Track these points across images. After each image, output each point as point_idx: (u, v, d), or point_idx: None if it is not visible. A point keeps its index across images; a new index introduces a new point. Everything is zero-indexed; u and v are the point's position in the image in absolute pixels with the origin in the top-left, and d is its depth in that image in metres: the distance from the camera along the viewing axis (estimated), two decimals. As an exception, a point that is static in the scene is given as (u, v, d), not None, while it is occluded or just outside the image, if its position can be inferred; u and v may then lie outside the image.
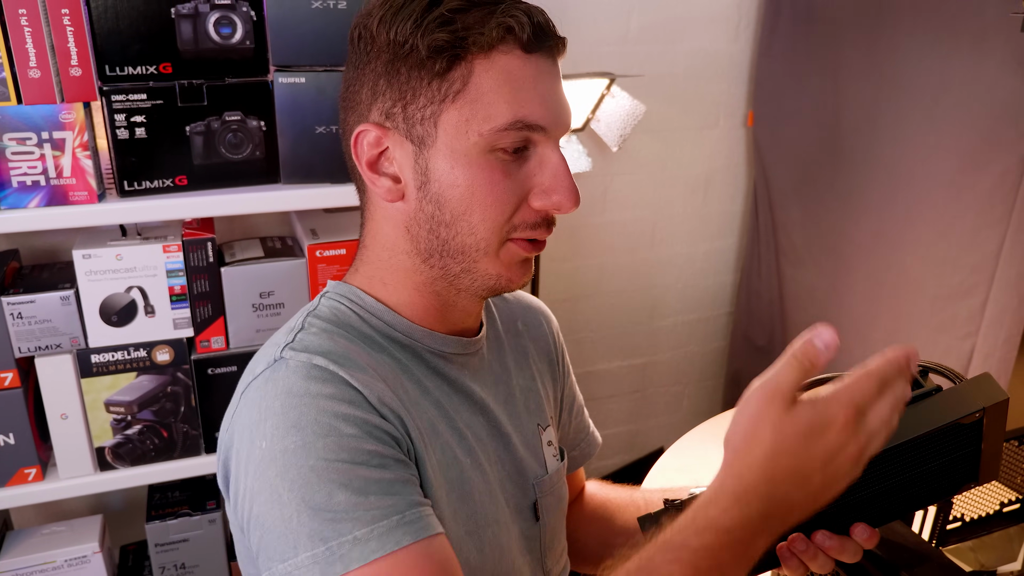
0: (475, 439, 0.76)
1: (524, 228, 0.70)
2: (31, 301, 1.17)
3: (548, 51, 0.70)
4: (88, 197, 1.13)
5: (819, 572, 0.72)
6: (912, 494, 0.71)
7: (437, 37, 0.66)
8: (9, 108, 1.06)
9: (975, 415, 0.66)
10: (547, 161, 0.70)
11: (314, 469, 0.60)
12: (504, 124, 0.67)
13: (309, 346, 0.67)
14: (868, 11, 1.76)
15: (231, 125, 1.19)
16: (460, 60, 0.67)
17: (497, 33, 0.66)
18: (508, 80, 0.67)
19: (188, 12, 1.11)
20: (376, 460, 0.62)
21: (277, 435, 0.62)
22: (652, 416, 2.39)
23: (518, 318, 0.92)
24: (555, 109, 0.70)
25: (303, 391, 0.63)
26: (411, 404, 0.70)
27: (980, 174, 1.58)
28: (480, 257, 0.71)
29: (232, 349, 1.30)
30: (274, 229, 1.50)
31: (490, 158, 0.68)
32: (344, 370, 0.65)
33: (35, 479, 1.24)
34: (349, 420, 0.63)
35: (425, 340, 0.75)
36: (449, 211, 0.69)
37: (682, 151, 2.12)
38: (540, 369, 0.91)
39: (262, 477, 0.62)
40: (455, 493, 0.72)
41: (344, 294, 0.76)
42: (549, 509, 0.84)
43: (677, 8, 1.96)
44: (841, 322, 1.96)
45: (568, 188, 0.70)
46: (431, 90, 0.68)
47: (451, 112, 0.67)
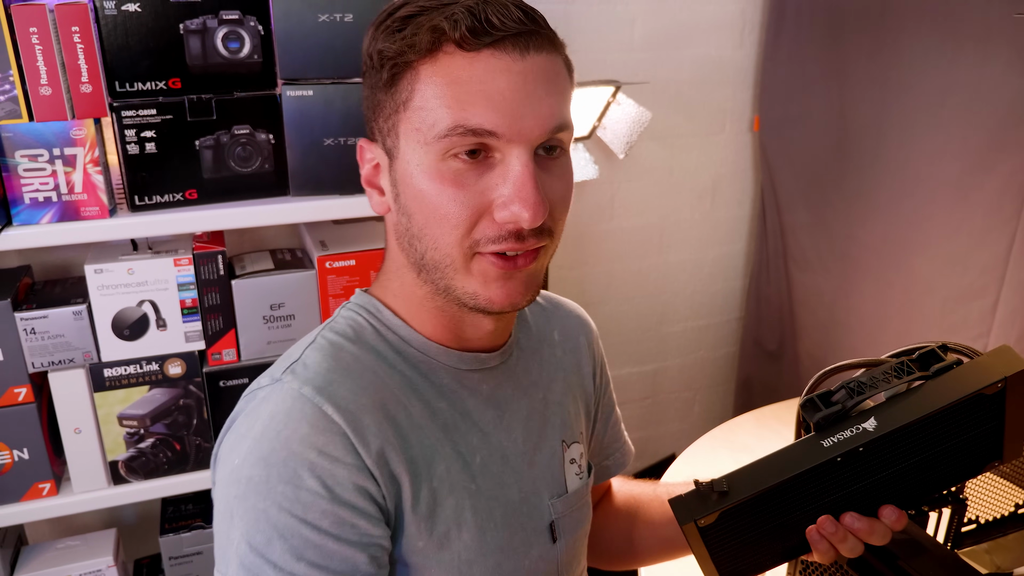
0: (485, 462, 0.74)
1: (487, 242, 0.65)
2: (44, 316, 1.18)
3: (507, 47, 0.63)
4: (99, 212, 1.14)
5: (848, 555, 0.72)
6: (937, 473, 0.71)
7: (384, 47, 0.65)
8: (21, 125, 1.08)
9: (997, 385, 0.66)
10: (509, 170, 0.64)
11: (265, 512, 0.62)
12: (444, 130, 0.63)
13: (308, 368, 0.68)
14: (872, 14, 1.76)
15: (240, 139, 1.19)
16: (407, 68, 0.65)
17: (429, 36, 0.63)
18: (450, 82, 0.63)
19: (196, 28, 1.13)
20: (327, 523, 0.62)
21: (248, 460, 0.63)
22: (663, 422, 2.38)
23: (555, 327, 0.89)
24: (511, 111, 0.63)
25: (283, 423, 0.64)
26: (412, 428, 0.69)
27: (988, 175, 1.57)
28: (452, 273, 0.68)
29: (243, 361, 1.30)
30: (283, 241, 1.50)
31: (443, 168, 0.64)
32: (330, 402, 0.65)
33: (49, 494, 1.25)
34: (315, 472, 0.62)
35: (440, 357, 0.74)
36: (417, 224, 0.67)
37: (689, 157, 2.13)
38: (572, 382, 0.88)
39: (225, 489, 0.65)
40: (452, 520, 0.70)
41: (364, 305, 0.75)
42: (567, 529, 0.82)
43: (681, 15, 1.97)
44: (851, 325, 1.95)
45: (526, 199, 0.63)
46: (389, 101, 0.67)
47: (405, 122, 0.66)
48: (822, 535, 0.71)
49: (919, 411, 0.66)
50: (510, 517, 0.75)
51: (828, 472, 0.68)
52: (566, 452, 0.84)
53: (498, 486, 0.75)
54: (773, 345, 2.25)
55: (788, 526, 0.72)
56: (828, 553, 0.72)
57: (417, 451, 0.69)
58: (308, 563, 0.61)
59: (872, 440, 0.66)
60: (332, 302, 1.31)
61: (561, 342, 0.89)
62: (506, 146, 0.64)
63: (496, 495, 0.74)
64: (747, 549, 0.73)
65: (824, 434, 0.68)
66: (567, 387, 0.87)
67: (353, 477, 0.64)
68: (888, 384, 0.68)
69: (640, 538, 0.97)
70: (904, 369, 0.69)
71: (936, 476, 0.72)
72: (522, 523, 0.76)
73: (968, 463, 0.72)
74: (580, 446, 0.86)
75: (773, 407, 1.76)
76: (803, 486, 0.69)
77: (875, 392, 0.68)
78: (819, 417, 0.68)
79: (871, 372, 0.69)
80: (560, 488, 0.82)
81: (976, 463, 0.72)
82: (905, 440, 0.67)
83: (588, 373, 0.91)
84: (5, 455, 1.21)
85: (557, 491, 0.81)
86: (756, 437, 1.63)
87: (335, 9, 1.17)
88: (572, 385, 0.88)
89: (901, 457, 0.68)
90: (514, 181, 0.64)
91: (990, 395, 0.66)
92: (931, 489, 0.74)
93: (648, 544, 0.97)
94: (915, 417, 0.66)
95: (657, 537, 0.95)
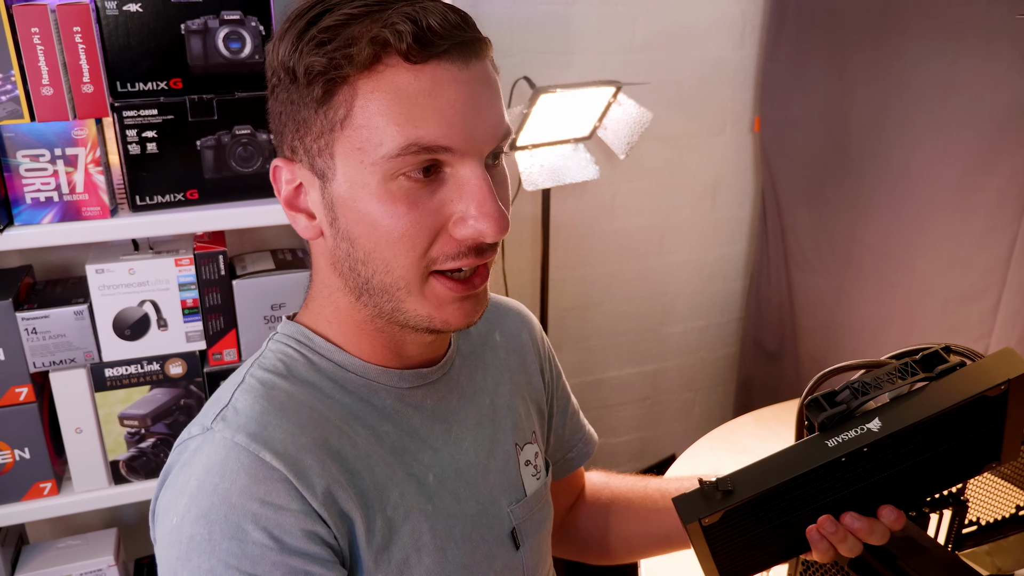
0: (438, 480, 0.72)
1: (445, 259, 0.63)
2: (45, 316, 1.18)
3: (452, 56, 0.60)
4: (101, 212, 1.14)
5: (847, 555, 0.72)
6: (937, 473, 0.72)
7: (312, 61, 0.60)
8: (23, 125, 1.08)
9: (1000, 388, 0.66)
10: (464, 184, 0.61)
11: (211, 571, 0.58)
12: (395, 150, 0.59)
13: (239, 414, 0.64)
14: (874, 14, 1.76)
15: (241, 139, 1.20)
16: (342, 83, 0.60)
17: (370, 49, 0.58)
18: (397, 98, 0.59)
19: (198, 28, 1.13)
20: (278, 574, 0.59)
21: (187, 519, 0.60)
22: (663, 423, 2.38)
23: (495, 328, 0.86)
24: (462, 124, 0.60)
25: (219, 476, 0.60)
26: (359, 459, 0.67)
27: (989, 176, 1.57)
28: (405, 296, 0.64)
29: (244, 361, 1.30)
30: (284, 241, 1.51)
31: (392, 188, 0.61)
32: (267, 449, 0.61)
33: (50, 493, 1.25)
34: (259, 523, 0.59)
35: (380, 379, 0.71)
36: (362, 248, 0.63)
37: (689, 158, 2.13)
38: (520, 382, 0.86)
39: (166, 551, 0.61)
40: (411, 546, 0.68)
41: (293, 335, 0.71)
42: (529, 533, 0.80)
43: (682, 16, 1.97)
44: (852, 326, 1.95)
45: (489, 215, 0.61)
46: (320, 119, 0.61)
47: (343, 141, 0.61)
48: (822, 534, 0.71)
49: (923, 412, 0.66)
50: (470, 532, 0.73)
51: (832, 472, 0.68)
52: (520, 454, 0.82)
53: (455, 502, 0.73)
54: (773, 346, 2.25)
55: (789, 525, 0.72)
56: (828, 552, 0.72)
57: (367, 482, 0.66)
58: None
59: (877, 440, 0.66)
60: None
61: (503, 343, 0.86)
62: (459, 160, 0.61)
63: (453, 512, 0.72)
64: (748, 548, 0.74)
65: (828, 434, 0.68)
66: (514, 388, 0.85)
67: (301, 523, 0.60)
68: (892, 385, 0.68)
69: (621, 533, 0.96)
70: (908, 370, 0.69)
71: (936, 477, 0.72)
72: (483, 535, 0.74)
73: (967, 464, 0.72)
74: (534, 446, 0.85)
75: (773, 408, 1.76)
76: (807, 486, 0.69)
77: (879, 393, 0.68)
78: (824, 417, 0.68)
79: (875, 373, 0.70)
80: (518, 493, 0.80)
81: (975, 464, 0.73)
82: (908, 441, 0.67)
83: (535, 370, 0.89)
84: (6, 455, 1.21)
85: (515, 496, 0.79)
86: (756, 438, 1.63)
87: (336, 9, 1.17)
88: (519, 385, 0.86)
89: (903, 458, 0.69)
90: (473, 196, 0.61)
91: (993, 397, 0.67)
92: (931, 489, 0.74)
93: (629, 538, 0.96)
94: (919, 418, 0.66)
95: (653, 535, 0.95)
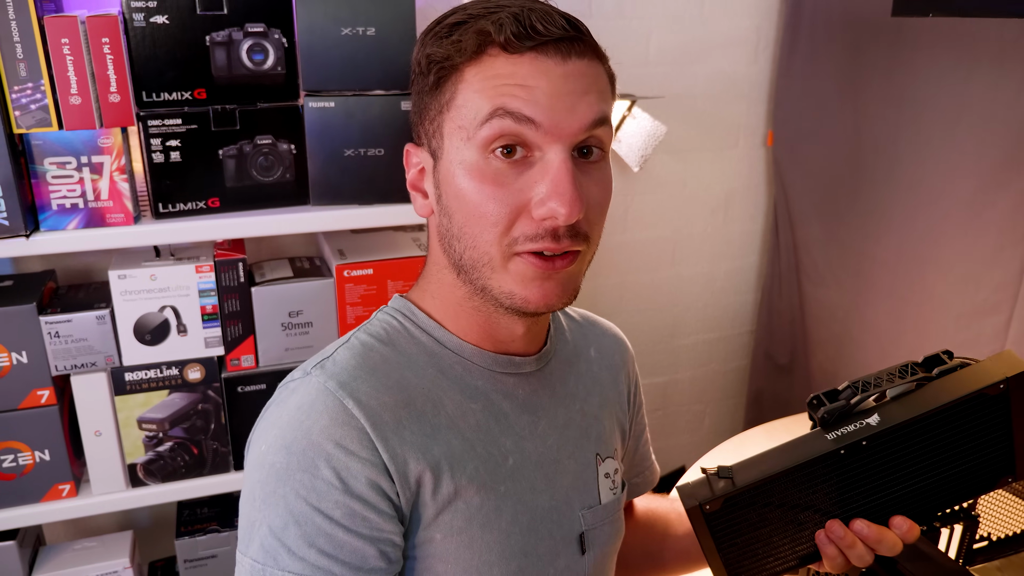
0: (517, 465, 0.74)
1: (524, 240, 0.66)
2: (68, 320, 1.20)
3: (548, 51, 0.65)
4: (124, 219, 1.16)
5: (858, 564, 0.72)
6: (947, 484, 0.72)
7: (431, 52, 0.68)
8: (50, 133, 1.10)
9: (999, 386, 0.68)
10: (548, 167, 0.65)
11: (284, 497, 0.64)
12: (486, 115, 0.65)
13: (336, 364, 0.70)
14: (887, 31, 1.77)
15: (263, 148, 1.22)
16: (452, 71, 0.67)
17: (475, 40, 0.66)
18: (493, 78, 0.65)
19: (222, 40, 1.15)
20: (339, 513, 0.64)
21: (273, 447, 0.66)
22: (673, 434, 2.39)
23: (592, 344, 0.89)
24: (550, 106, 0.64)
25: (306, 414, 0.66)
26: (440, 428, 0.70)
27: (1001, 193, 1.58)
28: (490, 273, 0.68)
29: (261, 367, 1.32)
30: (302, 250, 1.53)
31: (484, 166, 0.66)
32: (351, 397, 0.67)
33: (69, 495, 1.27)
34: (331, 462, 0.64)
35: (474, 358, 0.75)
36: (456, 224, 0.69)
37: (703, 171, 2.14)
38: (610, 399, 0.88)
39: (251, 474, 0.67)
40: (477, 520, 0.71)
41: (399, 308, 0.77)
42: (597, 542, 0.81)
43: (696, 31, 1.98)
44: (864, 340, 1.96)
45: (563, 195, 0.64)
46: (434, 103, 0.69)
47: (448, 121, 0.68)
48: (830, 539, 0.72)
49: (921, 408, 0.68)
50: (537, 523, 0.75)
51: (833, 466, 0.70)
52: (600, 466, 0.83)
53: (529, 491, 0.75)
54: (784, 359, 2.25)
55: (796, 527, 0.73)
56: (837, 560, 0.72)
57: (443, 450, 0.69)
58: (319, 550, 0.64)
59: (875, 434, 0.68)
60: (349, 310, 1.33)
61: (598, 359, 0.89)
62: (544, 141, 0.65)
63: (526, 499, 0.74)
64: (755, 548, 0.74)
65: (829, 429, 0.70)
66: (603, 402, 0.86)
67: (367, 472, 0.65)
68: (892, 383, 0.70)
69: (662, 551, 0.98)
70: (908, 370, 0.70)
71: (946, 487, 0.73)
72: (550, 530, 0.76)
73: (979, 475, 0.73)
74: (615, 462, 0.86)
75: (784, 420, 1.76)
76: (808, 479, 0.70)
77: (879, 390, 0.70)
78: (824, 412, 0.70)
79: (876, 372, 0.71)
80: (592, 499, 0.81)
81: (988, 477, 0.73)
82: (909, 439, 0.69)
83: (624, 392, 0.91)
84: (27, 456, 1.23)
85: (589, 502, 0.80)
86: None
87: (358, 23, 1.19)
88: (609, 401, 0.88)
89: (907, 459, 0.70)
90: (552, 177, 0.65)
91: (992, 396, 0.68)
92: (942, 503, 0.75)
93: (669, 557, 0.97)
94: (917, 414, 0.68)
95: (677, 550, 0.96)
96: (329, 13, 1.18)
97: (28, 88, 1.07)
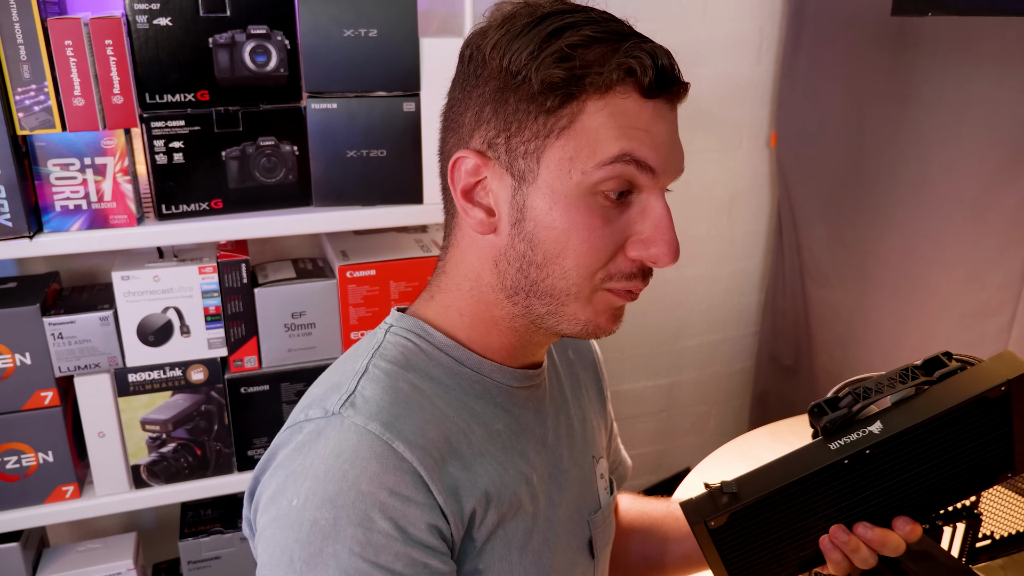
0: (539, 481, 0.73)
1: (619, 278, 0.66)
2: (71, 322, 1.20)
3: (668, 97, 0.65)
4: (128, 220, 1.16)
5: (862, 567, 0.72)
6: (948, 483, 0.72)
7: (553, 73, 0.62)
8: (54, 135, 1.11)
9: (1000, 389, 0.67)
10: (650, 210, 0.65)
11: (335, 555, 0.59)
12: (610, 157, 0.62)
13: (369, 403, 0.64)
14: (889, 30, 1.77)
15: (265, 150, 1.22)
16: (573, 98, 0.63)
17: (617, 75, 0.62)
18: (618, 117, 0.63)
19: (225, 41, 1.15)
20: (400, 564, 0.60)
21: (311, 502, 0.60)
22: (678, 436, 2.38)
23: (568, 347, 0.89)
24: (667, 153, 0.65)
25: (350, 463, 0.61)
26: (475, 456, 0.68)
27: (1004, 192, 1.58)
28: (570, 302, 0.67)
29: (264, 368, 1.32)
30: (305, 251, 1.53)
31: (590, 202, 0.64)
32: (400, 439, 0.62)
33: (72, 496, 1.27)
34: (387, 513, 0.60)
35: (494, 375, 0.72)
36: (542, 252, 0.65)
37: (706, 172, 2.14)
38: (592, 399, 0.89)
39: (281, 533, 0.61)
40: (516, 544, 0.70)
41: (411, 329, 0.72)
42: (602, 545, 0.82)
43: (700, 32, 1.98)
44: (868, 340, 1.95)
45: (668, 242, 0.64)
46: (537, 124, 0.64)
47: (555, 149, 0.63)
48: (834, 544, 0.71)
49: (924, 414, 0.67)
50: (559, 537, 0.75)
51: (836, 475, 0.69)
52: (596, 467, 0.84)
53: (549, 506, 0.74)
54: (789, 360, 2.25)
55: (801, 534, 0.73)
56: (841, 564, 0.72)
57: (485, 481, 0.67)
58: None
59: (878, 443, 0.68)
60: (352, 311, 1.33)
61: (576, 359, 0.89)
62: (648, 187, 0.65)
63: (549, 515, 0.74)
64: (760, 558, 0.74)
65: (831, 438, 0.70)
66: (589, 403, 0.87)
67: (426, 516, 0.62)
68: (893, 389, 0.70)
69: (663, 556, 0.98)
70: (909, 375, 0.70)
71: (947, 486, 0.73)
72: (568, 541, 0.77)
73: (979, 473, 0.72)
74: (605, 461, 0.87)
75: (788, 421, 1.76)
76: (812, 489, 0.70)
77: (880, 397, 0.70)
78: (826, 421, 0.70)
79: (876, 378, 0.71)
80: (595, 503, 0.82)
81: (988, 473, 0.73)
82: (912, 444, 0.68)
83: (601, 388, 0.92)
84: (31, 457, 1.23)
85: (593, 507, 0.81)
86: (772, 451, 1.61)
87: (360, 24, 1.19)
88: (593, 401, 0.89)
89: (910, 463, 0.70)
90: (655, 222, 0.65)
91: (994, 398, 0.68)
92: (944, 501, 0.74)
93: (665, 561, 0.97)
94: (920, 420, 0.67)
95: (674, 553, 0.96)
96: (331, 15, 1.18)
97: (32, 90, 1.08)
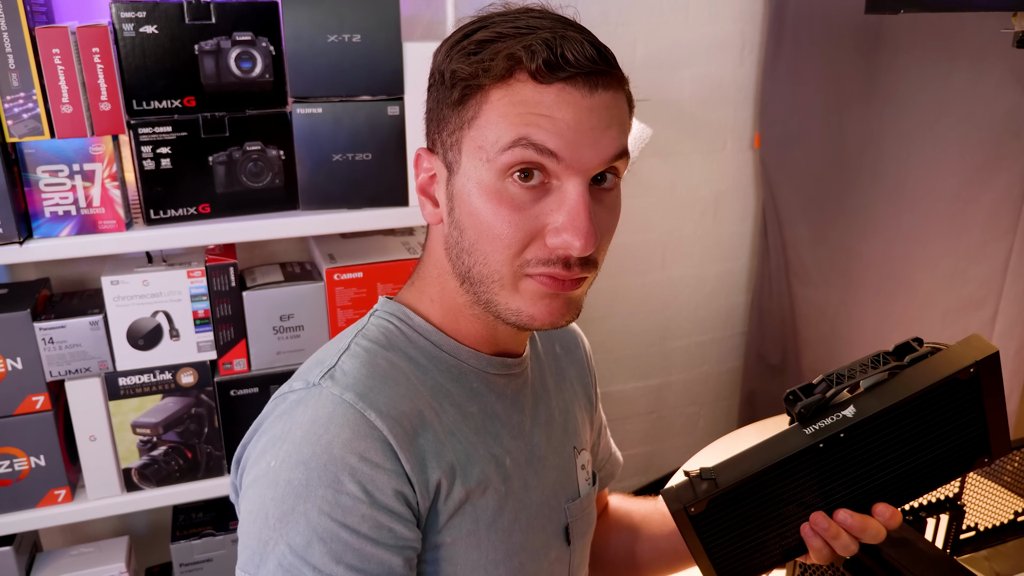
0: (514, 464, 0.76)
1: (536, 264, 0.67)
2: (62, 326, 1.22)
3: (577, 83, 0.65)
4: (116, 226, 1.18)
5: (843, 554, 0.73)
6: (926, 468, 0.74)
7: (460, 68, 0.67)
8: (43, 142, 1.12)
9: (969, 371, 0.69)
10: (565, 197, 0.66)
11: (305, 514, 0.62)
12: (508, 142, 0.64)
13: (347, 375, 0.68)
14: (868, 33, 1.79)
15: (252, 155, 1.24)
16: (477, 89, 0.66)
17: (505, 63, 0.65)
18: (517, 104, 0.65)
19: (211, 48, 1.17)
20: (366, 527, 0.63)
21: (287, 463, 0.64)
22: (668, 437, 2.40)
23: (556, 340, 0.91)
24: (573, 139, 0.64)
25: (324, 428, 0.64)
26: (447, 433, 0.71)
27: (984, 188, 1.60)
28: (498, 289, 0.69)
29: (254, 371, 1.33)
30: (293, 254, 1.54)
31: (501, 188, 0.66)
32: (372, 409, 0.66)
33: (64, 500, 1.28)
34: (355, 476, 0.63)
35: (470, 361, 0.75)
36: (468, 239, 0.68)
37: (691, 174, 2.16)
38: (576, 392, 0.91)
39: (260, 491, 0.65)
40: (484, 521, 0.72)
41: (393, 312, 0.76)
42: (579, 533, 0.84)
43: (682, 36, 2.01)
44: (853, 338, 1.97)
45: (579, 229, 0.65)
46: (455, 117, 0.68)
47: (469, 139, 0.67)
48: (815, 531, 0.73)
49: (895, 397, 0.69)
50: (533, 519, 0.77)
51: (813, 460, 0.71)
52: (577, 458, 0.86)
53: (523, 488, 0.77)
54: (776, 359, 2.26)
55: (782, 521, 0.74)
56: (823, 551, 0.73)
57: (452, 456, 0.70)
58: (347, 566, 0.63)
59: (851, 426, 0.69)
60: (340, 313, 1.34)
61: (563, 354, 0.91)
62: (564, 173, 0.65)
63: (522, 497, 0.76)
64: (743, 546, 0.75)
65: (806, 423, 0.71)
66: (574, 397, 0.90)
67: (392, 483, 0.65)
68: (865, 374, 0.71)
69: (643, 552, 0.99)
70: (880, 360, 0.72)
71: (925, 472, 0.74)
72: (543, 525, 0.79)
73: (956, 458, 0.74)
74: (587, 454, 0.89)
75: (776, 419, 1.77)
76: (790, 475, 0.71)
77: (853, 382, 0.71)
78: (800, 407, 0.71)
79: (849, 364, 0.73)
80: (574, 492, 0.84)
81: (965, 458, 0.74)
82: (885, 428, 0.70)
83: (588, 384, 0.94)
84: (22, 462, 1.24)
85: (571, 495, 0.83)
86: (758, 448, 1.64)
87: (344, 30, 1.21)
88: (577, 395, 0.91)
89: (885, 447, 0.71)
90: (569, 210, 0.65)
91: (964, 380, 0.69)
92: (923, 487, 0.76)
93: (651, 558, 0.99)
94: (891, 403, 0.69)
95: (660, 550, 0.97)
96: (315, 21, 1.20)
97: (20, 98, 1.09)
